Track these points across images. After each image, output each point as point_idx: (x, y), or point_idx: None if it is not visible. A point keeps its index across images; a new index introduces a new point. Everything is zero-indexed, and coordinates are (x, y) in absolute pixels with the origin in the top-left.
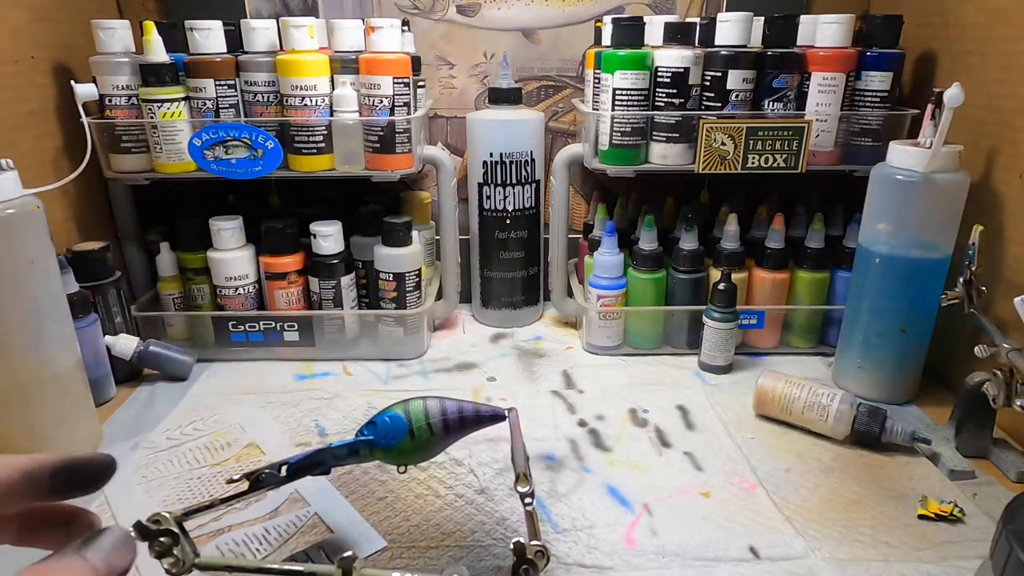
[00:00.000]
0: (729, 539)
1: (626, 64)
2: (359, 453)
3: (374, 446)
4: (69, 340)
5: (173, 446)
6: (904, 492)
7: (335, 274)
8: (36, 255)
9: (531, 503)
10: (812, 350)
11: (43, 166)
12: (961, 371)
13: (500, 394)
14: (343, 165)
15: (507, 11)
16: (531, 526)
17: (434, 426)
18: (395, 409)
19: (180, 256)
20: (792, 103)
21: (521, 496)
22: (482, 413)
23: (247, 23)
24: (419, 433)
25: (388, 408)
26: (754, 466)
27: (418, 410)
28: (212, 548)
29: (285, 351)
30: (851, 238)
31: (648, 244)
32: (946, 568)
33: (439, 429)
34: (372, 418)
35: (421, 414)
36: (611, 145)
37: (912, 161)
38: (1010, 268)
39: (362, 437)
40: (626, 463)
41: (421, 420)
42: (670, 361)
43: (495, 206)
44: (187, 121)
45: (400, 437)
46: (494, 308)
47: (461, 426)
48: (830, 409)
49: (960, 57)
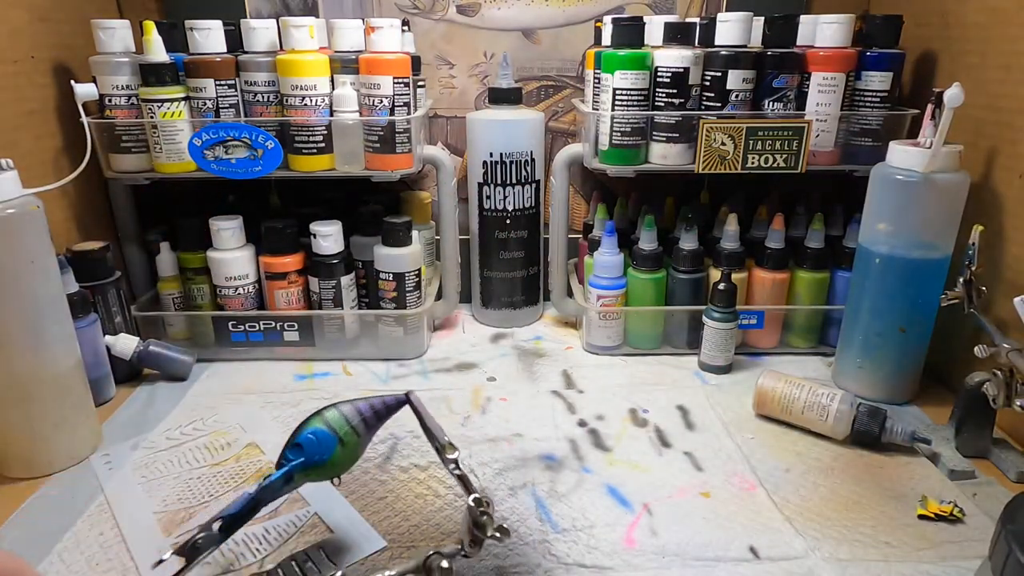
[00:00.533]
0: (729, 539)
1: (626, 64)
2: (294, 479)
3: (308, 466)
4: (69, 340)
5: (173, 446)
6: (904, 492)
7: (335, 274)
8: (36, 255)
9: (459, 468)
10: (812, 350)
11: (43, 166)
12: (961, 371)
13: (500, 394)
14: (343, 165)
15: (507, 11)
16: (467, 484)
17: (357, 428)
18: (313, 426)
19: (180, 256)
20: (792, 103)
21: (450, 463)
22: (388, 403)
23: (247, 23)
24: (348, 439)
25: (303, 428)
26: (754, 466)
27: (337, 418)
28: None
29: (285, 351)
30: (851, 238)
31: (648, 244)
32: (946, 568)
33: (362, 430)
34: (292, 442)
35: (342, 420)
36: (611, 145)
37: (912, 161)
38: (1010, 268)
39: (293, 462)
40: (626, 463)
41: (344, 426)
42: (670, 361)
43: (495, 206)
44: (187, 121)
45: (331, 449)
46: (494, 308)
47: (377, 420)
48: (830, 409)
49: (960, 57)
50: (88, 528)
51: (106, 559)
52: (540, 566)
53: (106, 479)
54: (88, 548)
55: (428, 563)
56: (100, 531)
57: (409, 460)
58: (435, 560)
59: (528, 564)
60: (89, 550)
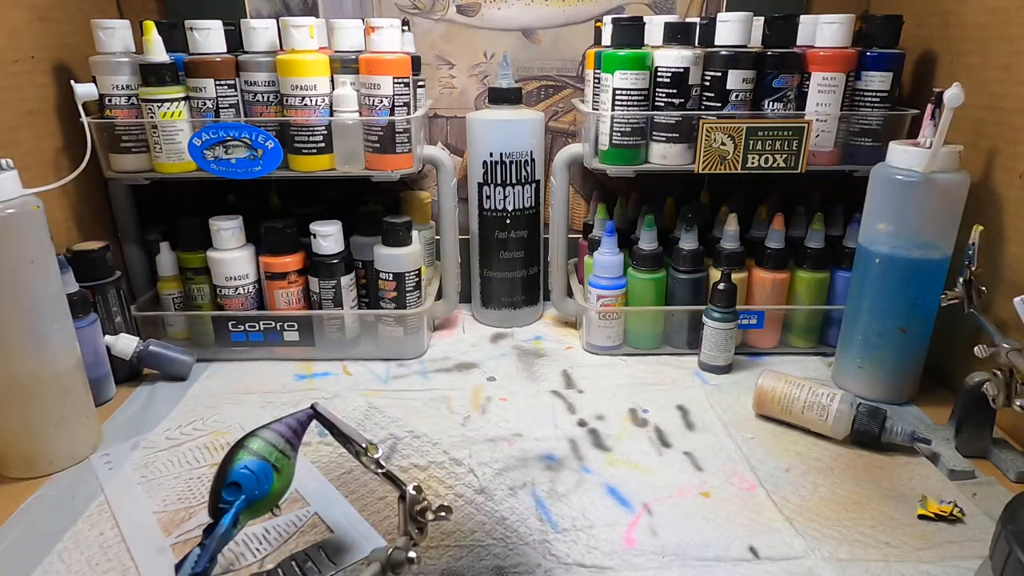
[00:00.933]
0: (729, 539)
1: (626, 64)
2: (239, 521)
3: (251, 503)
4: (69, 340)
5: (173, 446)
6: (904, 492)
7: (335, 274)
8: (36, 255)
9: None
10: (812, 350)
11: (43, 166)
12: (961, 371)
13: (500, 394)
14: (343, 165)
15: (507, 11)
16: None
17: (285, 451)
18: (241, 460)
19: (180, 256)
20: (792, 103)
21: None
22: (301, 420)
23: (247, 23)
24: (281, 465)
25: (231, 465)
26: (754, 466)
27: (265, 447)
28: None
29: (285, 351)
30: (851, 238)
31: (648, 244)
32: (946, 568)
33: (289, 452)
34: (226, 482)
35: (269, 447)
36: (611, 145)
37: (912, 161)
38: (1010, 268)
39: (236, 504)
40: (626, 463)
41: (274, 452)
42: (670, 361)
43: (495, 206)
44: (187, 121)
45: (270, 479)
46: (494, 308)
47: (296, 439)
48: (830, 409)
49: (960, 57)
50: (88, 528)
51: (106, 559)
52: (540, 566)
53: (106, 479)
54: (88, 548)
55: (393, 558)
56: (100, 531)
57: (409, 460)
58: (398, 554)
59: (528, 564)
60: (89, 550)
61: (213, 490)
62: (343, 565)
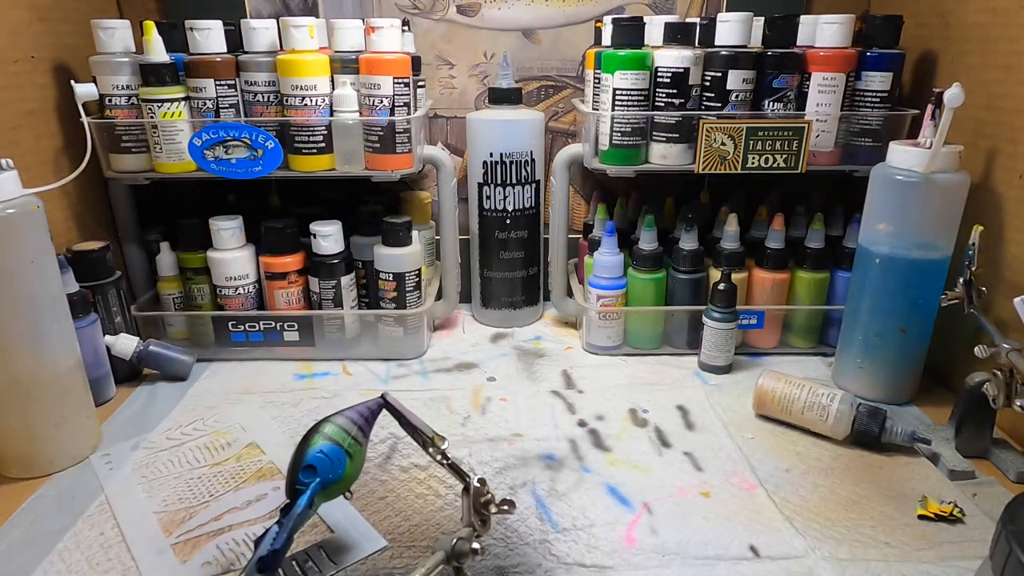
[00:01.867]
0: (729, 538)
1: (626, 64)
2: (314, 504)
3: (325, 486)
4: (69, 340)
5: (173, 446)
6: (904, 492)
7: (335, 274)
8: (36, 255)
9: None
10: (812, 350)
11: (43, 166)
12: (961, 371)
13: (500, 394)
14: (343, 165)
15: (507, 11)
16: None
17: (358, 437)
18: (318, 444)
19: (180, 256)
20: (792, 103)
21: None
22: (372, 408)
23: (247, 23)
24: (353, 451)
25: (307, 449)
26: (754, 466)
27: (338, 432)
28: (213, 548)
29: (285, 351)
30: (851, 238)
31: (648, 244)
32: (946, 568)
33: (361, 439)
34: (302, 465)
35: (343, 433)
36: (611, 145)
37: (912, 161)
38: (1010, 268)
39: (311, 487)
40: (626, 463)
41: (347, 438)
42: (670, 361)
43: (495, 206)
44: (187, 121)
45: (343, 464)
46: (494, 308)
47: (368, 427)
48: (830, 409)
49: (960, 57)
50: (88, 528)
51: (106, 559)
52: (540, 566)
53: (106, 479)
54: (88, 548)
55: (457, 549)
56: (100, 531)
57: (409, 460)
58: (462, 545)
59: (528, 564)
60: (89, 550)
61: (290, 471)
62: (343, 565)
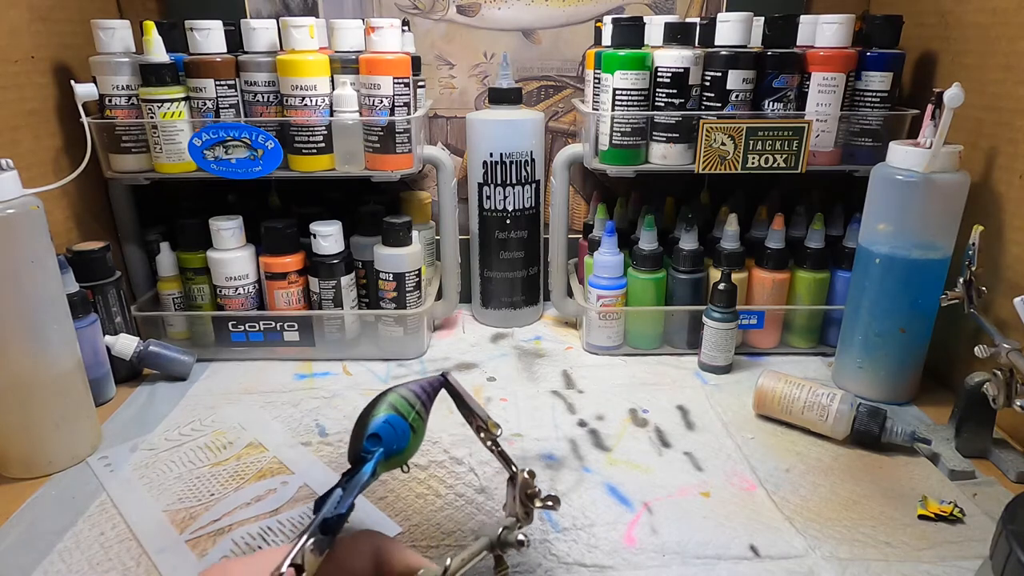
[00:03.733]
0: (729, 538)
1: (626, 64)
2: (376, 472)
3: (388, 456)
4: (69, 340)
5: (173, 446)
6: (904, 492)
7: (335, 274)
8: (36, 255)
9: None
10: (812, 350)
11: (43, 166)
12: (961, 371)
13: (500, 394)
14: (343, 165)
15: (507, 11)
16: (507, 459)
17: (421, 412)
18: (383, 414)
19: (180, 256)
20: (792, 103)
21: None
22: (433, 385)
23: (247, 23)
24: (416, 424)
25: (372, 417)
26: (754, 466)
27: (403, 404)
28: (228, 543)
29: (285, 351)
30: (851, 238)
31: (648, 244)
32: (946, 568)
33: (424, 414)
34: (367, 433)
35: (407, 405)
36: (611, 145)
37: (912, 161)
38: (1010, 268)
39: (376, 455)
40: (626, 463)
41: (411, 411)
42: (670, 361)
43: (495, 206)
44: (187, 121)
45: (407, 437)
46: (494, 308)
47: (430, 402)
48: (830, 409)
49: (960, 57)
50: (89, 528)
51: (107, 559)
52: (540, 566)
53: (106, 479)
54: (89, 548)
55: (502, 538)
56: (101, 531)
57: (410, 460)
58: (507, 535)
59: (528, 564)
60: (90, 550)
61: (355, 438)
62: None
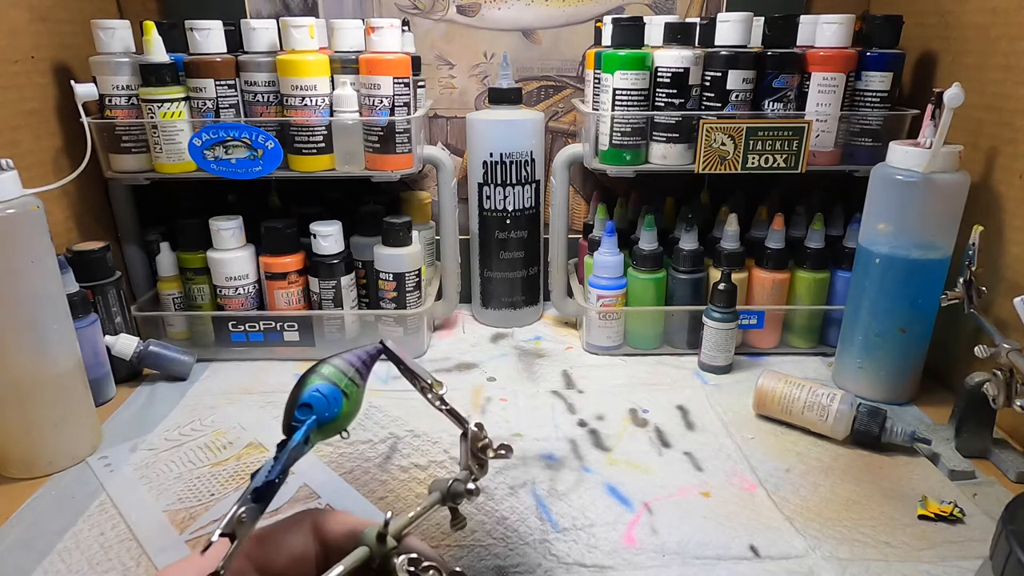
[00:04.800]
0: (729, 538)
1: (626, 64)
2: (310, 440)
3: (321, 424)
4: (69, 340)
5: (173, 446)
6: (904, 492)
7: (335, 274)
8: (36, 255)
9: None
10: (812, 350)
11: (43, 166)
12: (961, 371)
13: (500, 394)
14: (343, 165)
15: (507, 11)
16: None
17: (354, 379)
18: (314, 383)
19: (180, 256)
20: (792, 103)
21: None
22: (371, 353)
23: (247, 23)
24: (350, 391)
25: (303, 388)
26: (754, 466)
27: (334, 372)
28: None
29: (285, 351)
30: (851, 238)
31: (648, 244)
32: (946, 568)
33: (359, 380)
34: (298, 403)
35: (339, 373)
36: (611, 145)
37: (912, 161)
38: (1010, 268)
39: (307, 423)
40: (626, 463)
41: (343, 378)
42: (670, 361)
43: (495, 206)
44: (187, 121)
45: (339, 403)
46: (494, 308)
47: (366, 369)
48: (830, 409)
49: (960, 57)
50: (89, 528)
51: (107, 559)
52: (540, 566)
53: (106, 479)
54: (89, 548)
55: (453, 489)
56: (101, 531)
57: (409, 460)
58: (457, 486)
59: (528, 564)
60: (90, 550)
61: (287, 410)
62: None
